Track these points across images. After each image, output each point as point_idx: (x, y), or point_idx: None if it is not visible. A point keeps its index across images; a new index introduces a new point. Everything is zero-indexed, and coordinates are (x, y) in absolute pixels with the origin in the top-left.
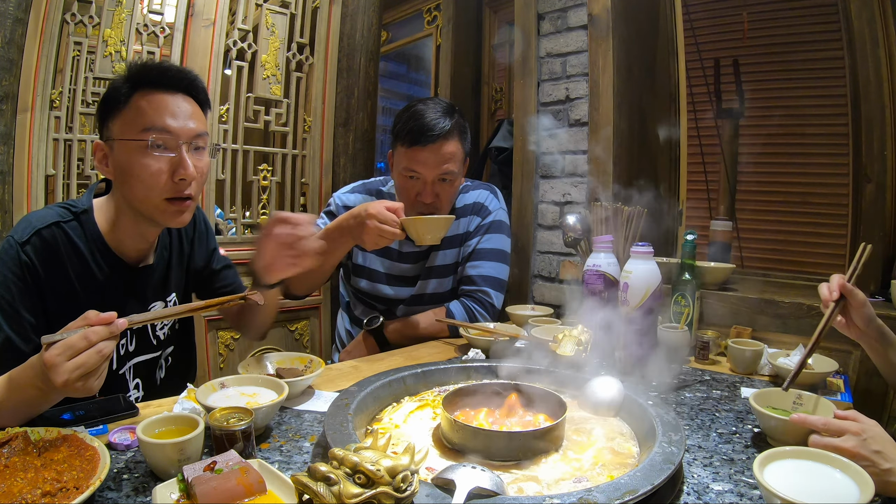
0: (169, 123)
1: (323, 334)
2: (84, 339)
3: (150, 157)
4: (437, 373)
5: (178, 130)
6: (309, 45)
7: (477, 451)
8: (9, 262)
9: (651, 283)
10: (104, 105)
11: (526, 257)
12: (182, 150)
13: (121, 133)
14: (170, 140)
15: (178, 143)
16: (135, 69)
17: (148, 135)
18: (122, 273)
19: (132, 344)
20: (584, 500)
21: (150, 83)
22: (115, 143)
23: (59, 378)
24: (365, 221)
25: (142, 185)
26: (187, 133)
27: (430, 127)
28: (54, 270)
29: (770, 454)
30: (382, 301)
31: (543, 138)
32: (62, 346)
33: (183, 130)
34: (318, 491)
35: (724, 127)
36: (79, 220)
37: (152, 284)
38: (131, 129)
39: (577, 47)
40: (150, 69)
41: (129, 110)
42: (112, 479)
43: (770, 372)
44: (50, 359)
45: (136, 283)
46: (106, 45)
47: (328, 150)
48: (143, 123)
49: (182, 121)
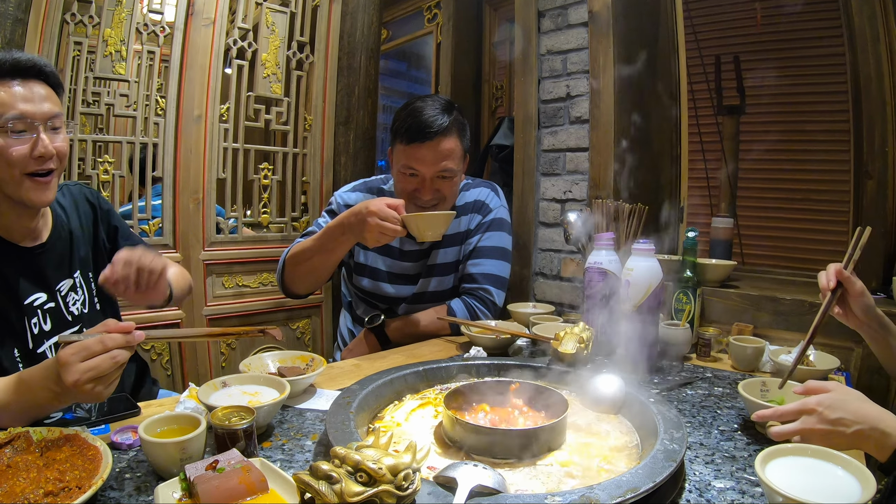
0: (23, 108)
1: (324, 333)
2: (100, 344)
3: (10, 140)
4: (439, 371)
5: (33, 114)
6: (309, 44)
7: (478, 448)
8: None
9: (653, 280)
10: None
11: (527, 255)
12: (39, 130)
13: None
14: (27, 124)
15: (34, 125)
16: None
17: (7, 122)
18: (14, 255)
19: (46, 322)
20: (586, 497)
21: (5, 74)
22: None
23: (70, 377)
24: (366, 219)
25: (4, 165)
26: (42, 115)
27: (428, 124)
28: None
29: (772, 451)
30: (384, 300)
31: (544, 136)
32: (78, 346)
33: (38, 113)
34: (320, 490)
35: (725, 124)
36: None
37: (51, 264)
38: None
39: (578, 44)
40: (4, 62)
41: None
42: (114, 479)
43: (771, 369)
44: (64, 357)
45: (31, 264)
46: (106, 44)
47: (329, 148)
48: (1, 112)
49: (36, 104)
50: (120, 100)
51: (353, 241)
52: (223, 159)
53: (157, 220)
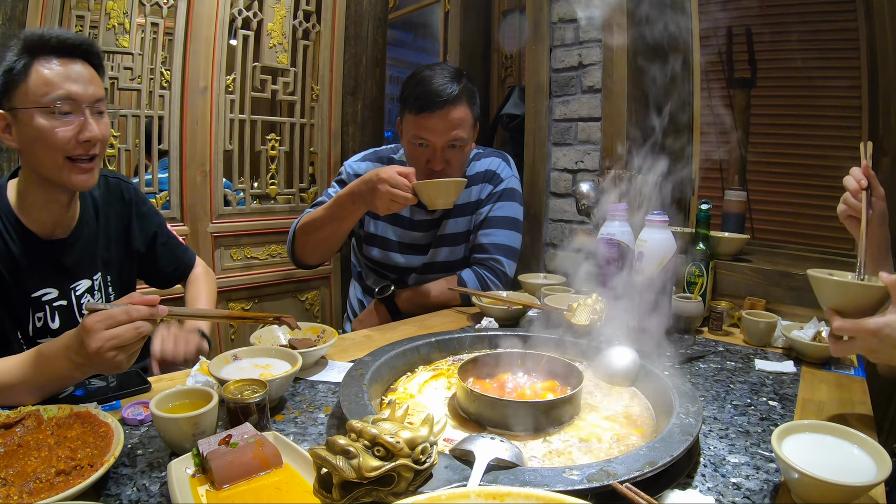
0: (72, 89)
1: (333, 304)
2: (125, 314)
3: (56, 122)
4: (452, 342)
5: (80, 95)
6: (315, 13)
7: (493, 421)
8: None
9: (666, 252)
10: (3, 77)
11: (538, 225)
12: (86, 113)
13: (24, 102)
14: (74, 105)
15: (81, 108)
16: (33, 39)
17: (53, 102)
18: (33, 246)
19: (55, 320)
20: (605, 471)
21: (47, 51)
22: (19, 112)
23: (94, 344)
24: (377, 186)
25: (46, 148)
26: (89, 97)
27: (437, 93)
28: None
29: (788, 427)
30: (394, 270)
31: (556, 105)
32: (104, 314)
33: (85, 95)
34: (338, 465)
35: (736, 97)
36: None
37: (67, 261)
38: (34, 98)
39: (591, 12)
40: (49, 38)
41: (31, 80)
42: (126, 455)
43: (784, 344)
44: (90, 324)
45: (51, 257)
46: (109, 17)
47: (336, 118)
48: (46, 91)
49: (84, 86)
50: (124, 73)
51: (364, 209)
52: (230, 131)
53: (164, 193)
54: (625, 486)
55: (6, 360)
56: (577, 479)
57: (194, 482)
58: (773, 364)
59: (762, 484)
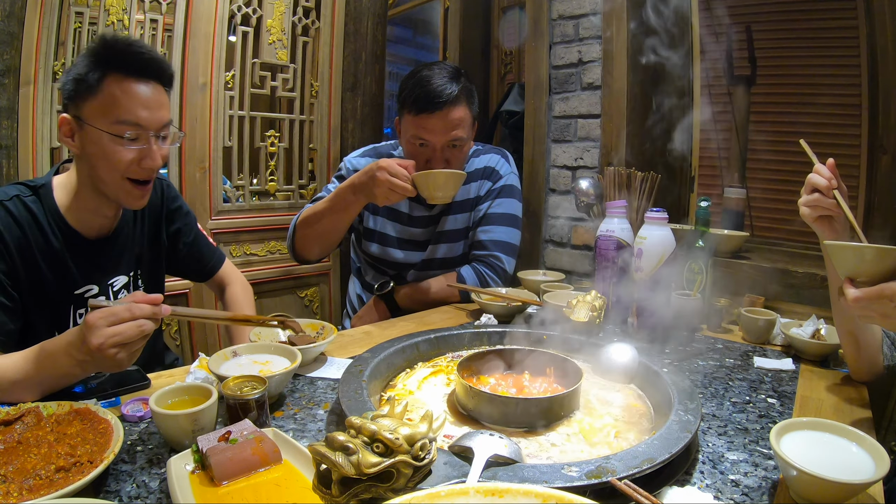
0: (141, 115)
1: (333, 300)
2: (128, 311)
3: (120, 147)
4: (451, 338)
5: (148, 122)
6: (315, 9)
7: (492, 417)
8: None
9: (665, 249)
10: (74, 84)
11: (537, 222)
12: (151, 141)
13: (92, 118)
14: (141, 132)
15: (147, 135)
16: (103, 49)
17: (122, 128)
18: (77, 245)
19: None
20: (603, 468)
21: (121, 67)
22: (86, 126)
23: (96, 340)
24: (375, 174)
25: (107, 167)
26: (157, 124)
27: (437, 93)
28: (18, 238)
29: (787, 425)
30: (393, 265)
31: (555, 102)
32: (106, 311)
33: (153, 122)
34: (337, 461)
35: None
36: (37, 194)
37: (111, 258)
38: (104, 117)
39: (591, 9)
40: (121, 51)
41: (102, 97)
42: (126, 452)
43: (783, 342)
44: (92, 320)
45: (93, 256)
46: (108, 14)
47: (336, 115)
48: (116, 115)
49: (153, 112)
50: None
51: (364, 200)
52: (229, 127)
53: None
54: (623, 483)
55: (8, 356)
56: (575, 476)
57: (194, 479)
58: (771, 361)
59: (760, 481)
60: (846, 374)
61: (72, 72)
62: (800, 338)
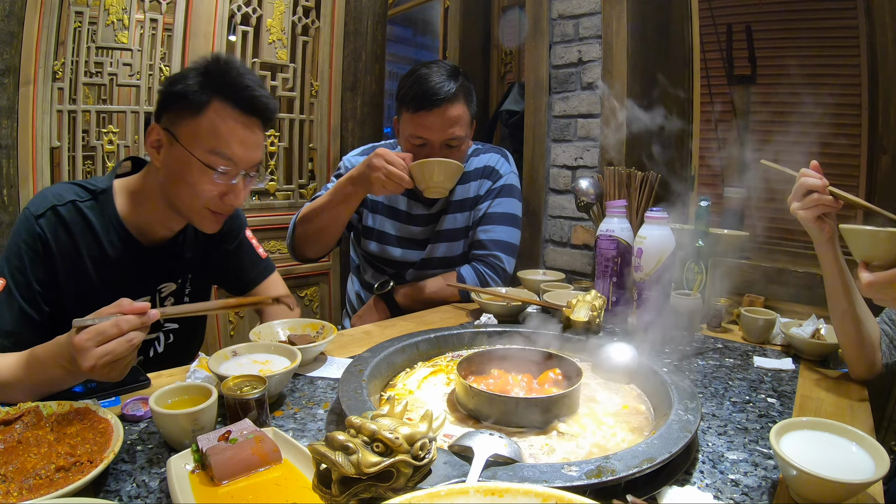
0: (236, 151)
1: (332, 300)
2: (115, 327)
3: (208, 178)
4: (451, 338)
5: (242, 160)
6: (315, 9)
7: (492, 417)
8: (23, 232)
9: (665, 249)
10: (176, 98)
11: (537, 221)
12: (240, 179)
13: (187, 140)
14: (232, 167)
15: (238, 172)
16: (217, 70)
17: (215, 160)
18: (134, 253)
19: None
20: (602, 467)
21: (230, 97)
22: (178, 144)
23: (86, 363)
24: (372, 160)
25: (189, 193)
26: (249, 163)
27: (434, 91)
28: (66, 246)
29: (787, 424)
30: (392, 264)
31: (555, 101)
32: (93, 331)
33: (246, 160)
34: (337, 460)
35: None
36: (97, 200)
37: (164, 265)
38: (200, 143)
39: (591, 9)
40: (233, 81)
41: (203, 121)
42: (126, 452)
43: (782, 341)
44: (80, 343)
45: (147, 263)
46: (108, 13)
47: (336, 114)
48: (213, 145)
49: (249, 150)
50: (123, 69)
51: (362, 192)
52: None
53: None
54: None
55: (3, 356)
56: (575, 476)
57: (194, 478)
58: (771, 361)
59: (760, 481)
60: (846, 374)
61: (177, 83)
62: (800, 337)
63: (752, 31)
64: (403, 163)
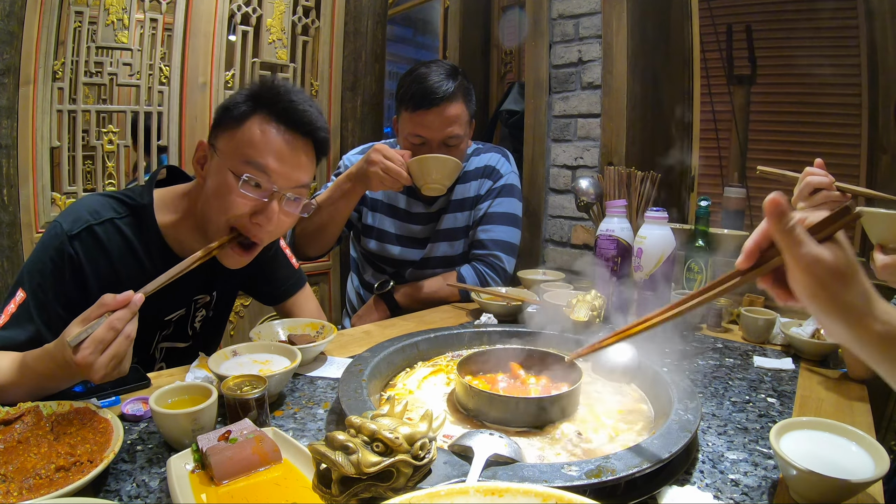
0: (271, 164)
1: (332, 300)
2: (111, 330)
3: (235, 188)
4: (451, 338)
5: (277, 175)
6: (315, 9)
7: (492, 417)
8: (52, 250)
9: (665, 248)
10: (222, 111)
11: (537, 221)
12: (274, 198)
13: (224, 151)
14: (265, 181)
15: (271, 188)
16: (261, 86)
17: (246, 169)
18: (170, 266)
19: (168, 328)
20: (602, 467)
21: (271, 109)
22: (216, 157)
23: (96, 375)
24: (370, 155)
25: (217, 208)
26: (286, 181)
27: (433, 90)
28: (102, 268)
29: (787, 424)
30: (391, 262)
31: (555, 101)
32: (91, 343)
33: (282, 177)
34: (337, 460)
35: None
36: (136, 215)
37: (203, 278)
38: (235, 153)
39: (591, 9)
40: (276, 93)
41: (241, 132)
42: (126, 451)
43: (782, 341)
44: (84, 360)
45: (186, 276)
46: (108, 13)
47: (336, 114)
48: (247, 155)
49: (287, 167)
50: (123, 69)
51: (361, 188)
52: None
53: None
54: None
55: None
56: (575, 475)
57: (194, 478)
58: (771, 361)
59: (760, 480)
60: (846, 374)
61: (229, 101)
62: (799, 337)
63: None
64: (401, 159)
